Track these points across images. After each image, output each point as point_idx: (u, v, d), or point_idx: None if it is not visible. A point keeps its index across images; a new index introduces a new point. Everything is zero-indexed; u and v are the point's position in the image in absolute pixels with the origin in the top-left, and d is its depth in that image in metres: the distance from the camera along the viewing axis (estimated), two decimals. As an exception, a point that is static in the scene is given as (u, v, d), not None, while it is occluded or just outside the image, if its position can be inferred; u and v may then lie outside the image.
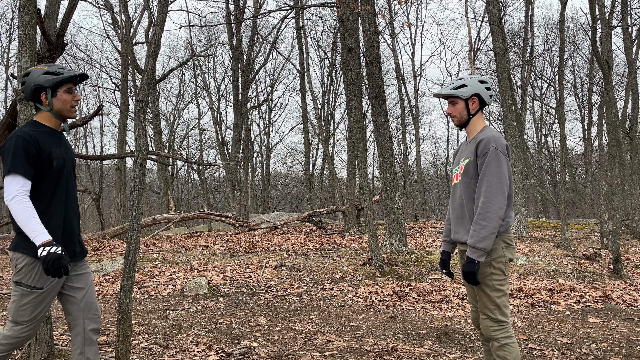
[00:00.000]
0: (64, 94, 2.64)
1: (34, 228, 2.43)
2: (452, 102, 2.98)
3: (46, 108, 2.63)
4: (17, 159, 2.47)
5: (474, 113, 2.97)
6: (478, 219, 2.73)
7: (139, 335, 4.48)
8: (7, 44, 25.45)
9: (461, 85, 2.95)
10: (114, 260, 8.33)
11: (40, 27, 8.41)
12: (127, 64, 19.51)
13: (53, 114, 2.65)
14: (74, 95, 2.67)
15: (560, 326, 5.20)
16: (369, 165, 30.10)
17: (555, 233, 14.80)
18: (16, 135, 2.52)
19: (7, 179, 2.47)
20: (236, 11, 21.87)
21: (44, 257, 2.39)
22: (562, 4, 12.52)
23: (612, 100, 10.68)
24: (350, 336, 4.68)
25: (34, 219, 2.45)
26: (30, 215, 2.44)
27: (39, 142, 2.54)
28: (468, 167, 2.89)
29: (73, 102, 2.66)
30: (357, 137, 9.25)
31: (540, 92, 32.00)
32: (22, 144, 2.49)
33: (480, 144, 2.82)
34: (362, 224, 14.96)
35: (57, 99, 2.63)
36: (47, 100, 2.62)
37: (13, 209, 2.44)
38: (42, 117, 2.66)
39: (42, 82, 2.60)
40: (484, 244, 2.71)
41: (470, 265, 2.73)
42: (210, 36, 30.58)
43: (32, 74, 2.64)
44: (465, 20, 24.63)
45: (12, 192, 2.45)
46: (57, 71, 2.63)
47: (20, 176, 2.47)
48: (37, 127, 2.62)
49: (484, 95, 2.96)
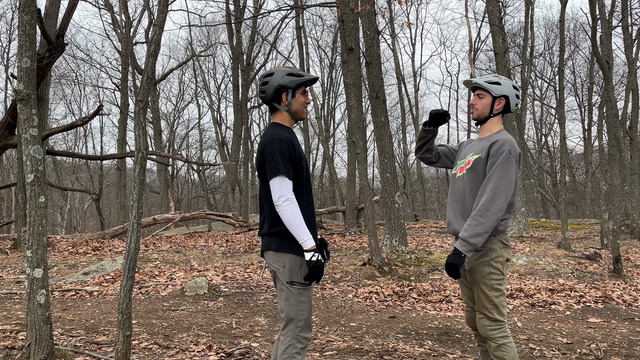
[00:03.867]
0: (301, 95, 2.72)
1: (305, 231, 2.51)
2: (480, 95, 2.96)
3: (284, 108, 2.70)
4: (284, 161, 2.53)
5: (496, 113, 2.95)
6: (476, 215, 2.72)
7: (139, 335, 4.48)
8: (7, 44, 25.47)
9: (495, 82, 2.93)
10: (114, 260, 8.33)
11: (40, 27, 8.43)
12: (127, 64, 19.51)
13: (290, 115, 2.72)
14: (306, 98, 2.76)
15: (560, 326, 5.19)
16: (369, 165, 30.09)
17: (556, 233, 14.80)
18: (277, 137, 2.56)
19: (277, 180, 2.52)
20: (236, 11, 21.87)
21: (313, 263, 2.49)
22: (562, 4, 12.52)
23: (612, 100, 10.67)
24: (350, 336, 4.68)
25: (303, 222, 2.53)
26: (301, 219, 2.52)
27: (294, 145, 2.61)
28: (477, 163, 2.87)
29: (306, 104, 2.75)
30: (357, 137, 9.25)
31: (540, 92, 32.03)
32: (286, 147, 2.55)
33: (495, 144, 2.81)
34: (362, 224, 14.96)
35: (296, 100, 2.70)
36: (287, 101, 2.69)
37: (286, 211, 2.50)
38: (280, 117, 2.73)
39: (286, 83, 2.66)
40: (476, 239, 2.70)
41: (455, 257, 2.72)
42: (210, 36, 30.59)
43: (276, 74, 2.70)
44: (465, 20, 24.62)
45: (285, 193, 2.51)
46: (299, 73, 2.71)
47: (289, 179, 2.53)
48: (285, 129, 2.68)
49: (512, 101, 2.94)
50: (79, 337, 4.37)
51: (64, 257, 9.95)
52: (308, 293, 2.61)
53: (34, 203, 3.41)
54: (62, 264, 8.72)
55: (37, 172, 3.43)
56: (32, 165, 3.41)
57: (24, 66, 3.42)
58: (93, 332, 4.58)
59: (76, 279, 7.58)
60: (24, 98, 3.44)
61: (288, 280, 2.57)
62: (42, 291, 3.39)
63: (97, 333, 4.57)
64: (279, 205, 2.50)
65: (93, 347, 4.09)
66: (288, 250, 2.57)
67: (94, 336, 4.44)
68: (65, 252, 10.66)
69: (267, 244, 2.64)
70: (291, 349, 2.56)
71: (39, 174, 3.44)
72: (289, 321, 2.58)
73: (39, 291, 3.38)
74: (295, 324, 2.58)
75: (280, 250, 2.59)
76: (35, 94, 3.52)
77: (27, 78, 3.45)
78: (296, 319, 2.57)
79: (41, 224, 3.42)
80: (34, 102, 3.48)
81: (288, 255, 2.57)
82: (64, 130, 13.22)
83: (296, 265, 2.57)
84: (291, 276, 2.57)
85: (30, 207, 3.42)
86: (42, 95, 10.33)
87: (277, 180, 2.52)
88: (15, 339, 4.20)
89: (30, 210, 3.42)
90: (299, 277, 2.57)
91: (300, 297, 2.58)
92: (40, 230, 3.42)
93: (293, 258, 2.57)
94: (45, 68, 8.94)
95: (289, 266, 2.57)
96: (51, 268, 8.28)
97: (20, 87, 3.45)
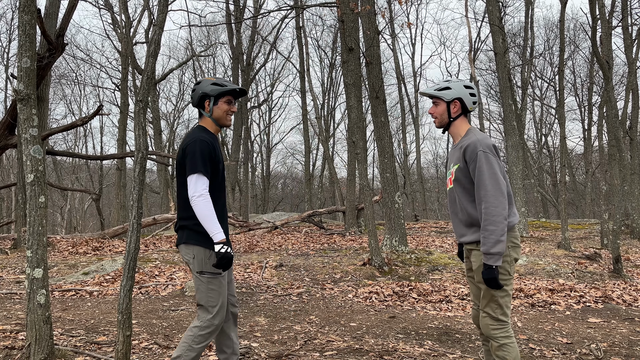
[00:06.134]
0: (224, 104, 2.95)
1: (216, 225, 2.73)
2: (435, 102, 3.02)
3: (207, 114, 2.95)
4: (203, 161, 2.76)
5: (454, 117, 2.98)
6: (485, 225, 2.74)
7: (139, 335, 4.48)
8: (7, 44, 25.47)
9: (445, 88, 2.97)
10: (114, 260, 8.33)
11: (40, 27, 8.43)
12: (127, 64, 19.51)
13: (213, 120, 2.95)
14: (231, 106, 2.97)
15: (560, 326, 5.19)
16: (369, 165, 30.09)
17: (555, 233, 14.80)
18: (200, 139, 2.80)
19: (194, 177, 2.74)
20: (236, 11, 21.87)
21: (222, 254, 2.72)
22: (562, 4, 12.52)
23: (612, 100, 10.67)
24: (350, 336, 4.68)
25: (215, 217, 2.75)
26: (213, 214, 2.74)
27: (215, 148, 2.84)
28: (458, 173, 2.91)
29: (230, 112, 2.96)
30: (357, 137, 9.25)
31: (540, 92, 32.02)
32: (206, 147, 2.78)
33: (467, 150, 2.83)
34: (362, 224, 14.96)
35: (218, 107, 2.94)
36: (209, 107, 2.94)
37: (200, 205, 2.72)
38: (205, 122, 2.97)
39: (209, 91, 2.91)
40: (497, 248, 2.72)
41: (489, 272, 2.75)
42: (210, 36, 30.59)
43: (202, 83, 2.97)
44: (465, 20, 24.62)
45: (200, 190, 2.73)
46: (223, 83, 2.94)
47: (205, 176, 2.75)
48: (207, 132, 2.92)
49: (467, 101, 2.96)
50: (79, 337, 4.37)
51: (64, 257, 9.95)
52: (217, 282, 2.83)
53: (34, 203, 3.41)
54: (62, 264, 8.72)
55: (37, 172, 3.43)
56: (32, 165, 3.41)
57: (24, 66, 3.42)
58: (93, 332, 4.58)
59: (76, 279, 7.58)
60: (24, 98, 3.44)
61: (197, 270, 2.81)
62: (42, 291, 3.39)
63: (97, 333, 4.57)
64: (194, 200, 2.72)
65: (93, 347, 4.10)
66: (196, 242, 2.80)
67: (94, 336, 4.44)
68: (65, 252, 10.66)
69: (179, 237, 2.89)
70: (197, 330, 2.80)
71: (39, 174, 3.44)
72: (201, 308, 2.83)
73: (39, 291, 3.38)
74: (206, 310, 2.81)
75: (189, 242, 2.82)
76: (35, 94, 3.52)
77: (27, 78, 3.45)
78: (206, 305, 2.81)
79: (41, 224, 3.43)
80: (34, 102, 3.48)
81: (197, 248, 2.81)
82: (64, 130, 13.22)
83: (205, 257, 2.80)
84: (200, 266, 2.81)
85: (30, 207, 3.42)
86: (42, 95, 10.33)
87: (194, 177, 2.74)
88: (15, 339, 4.20)
89: (30, 210, 3.42)
90: (208, 267, 2.80)
91: (209, 285, 2.81)
92: (40, 230, 3.42)
93: (201, 250, 2.80)
94: (45, 68, 8.94)
95: (198, 257, 2.80)
96: (51, 268, 8.28)
97: (20, 87, 3.45)
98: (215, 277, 2.81)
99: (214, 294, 2.80)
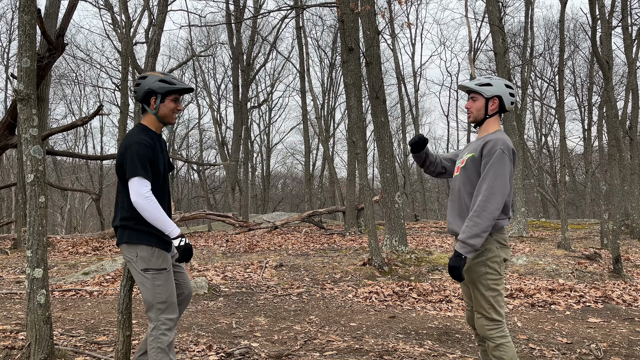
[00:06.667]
0: (171, 102, 2.90)
1: (169, 223, 2.76)
2: (473, 97, 2.96)
3: (152, 111, 2.89)
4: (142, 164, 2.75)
5: (491, 114, 2.94)
6: (473, 216, 2.73)
7: (139, 335, 4.48)
8: (7, 44, 25.48)
9: (487, 84, 2.92)
10: (114, 260, 8.33)
11: (40, 27, 8.43)
12: (127, 64, 19.50)
13: (157, 118, 2.91)
14: (177, 105, 2.94)
15: (560, 326, 5.20)
16: (369, 165, 30.09)
17: (555, 233, 14.80)
18: (137, 142, 2.78)
19: (135, 180, 2.73)
20: (236, 11, 21.87)
21: (183, 247, 2.76)
22: (562, 4, 12.52)
23: (612, 100, 10.68)
24: (350, 336, 4.68)
25: (165, 215, 2.77)
26: (163, 212, 2.76)
27: (154, 149, 2.83)
28: (469, 162, 2.88)
29: (176, 110, 2.93)
30: (357, 137, 9.25)
31: (540, 92, 32.02)
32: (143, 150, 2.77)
33: (488, 144, 2.81)
34: (362, 224, 14.96)
35: (164, 105, 2.89)
36: (155, 105, 2.88)
37: (146, 207, 2.71)
38: (148, 120, 2.93)
39: (156, 88, 2.85)
40: (474, 240, 2.71)
41: (456, 260, 2.72)
42: (210, 36, 30.58)
43: (148, 78, 2.90)
44: (465, 20, 24.61)
45: (143, 193, 2.73)
46: (171, 81, 2.89)
47: (146, 179, 2.75)
48: (148, 133, 2.88)
49: (506, 100, 2.92)
50: (79, 337, 4.37)
51: (64, 257, 9.96)
52: (163, 277, 2.83)
53: (34, 203, 3.41)
54: (62, 264, 8.73)
55: (37, 172, 3.43)
56: (32, 165, 3.42)
57: (24, 66, 3.42)
58: (93, 332, 4.58)
59: (76, 279, 7.58)
60: (24, 98, 3.44)
61: (142, 268, 2.81)
62: (42, 291, 3.39)
63: (97, 333, 4.57)
64: (140, 204, 2.72)
65: (93, 347, 4.10)
66: (138, 242, 2.81)
67: (94, 336, 4.44)
68: (65, 252, 10.66)
69: (120, 237, 2.87)
70: (156, 331, 2.80)
71: (39, 174, 3.44)
72: (150, 306, 2.82)
73: (39, 291, 3.38)
74: (156, 307, 2.81)
75: (131, 242, 2.82)
76: (35, 94, 3.52)
77: (27, 78, 3.46)
78: (155, 302, 2.81)
79: (41, 224, 3.43)
80: (34, 102, 3.48)
81: (140, 247, 2.81)
82: (64, 130, 13.22)
83: (148, 254, 2.81)
84: (145, 264, 2.81)
85: (30, 207, 3.42)
86: (42, 95, 10.34)
87: (135, 181, 2.73)
88: (15, 339, 4.20)
89: (30, 210, 3.42)
90: (152, 263, 2.81)
91: (155, 282, 2.81)
92: (40, 230, 3.42)
93: (144, 248, 2.81)
94: (45, 68, 8.94)
95: (141, 255, 2.81)
96: (51, 268, 8.28)
97: (20, 87, 3.45)
98: (160, 272, 2.82)
99: (161, 289, 2.81)
